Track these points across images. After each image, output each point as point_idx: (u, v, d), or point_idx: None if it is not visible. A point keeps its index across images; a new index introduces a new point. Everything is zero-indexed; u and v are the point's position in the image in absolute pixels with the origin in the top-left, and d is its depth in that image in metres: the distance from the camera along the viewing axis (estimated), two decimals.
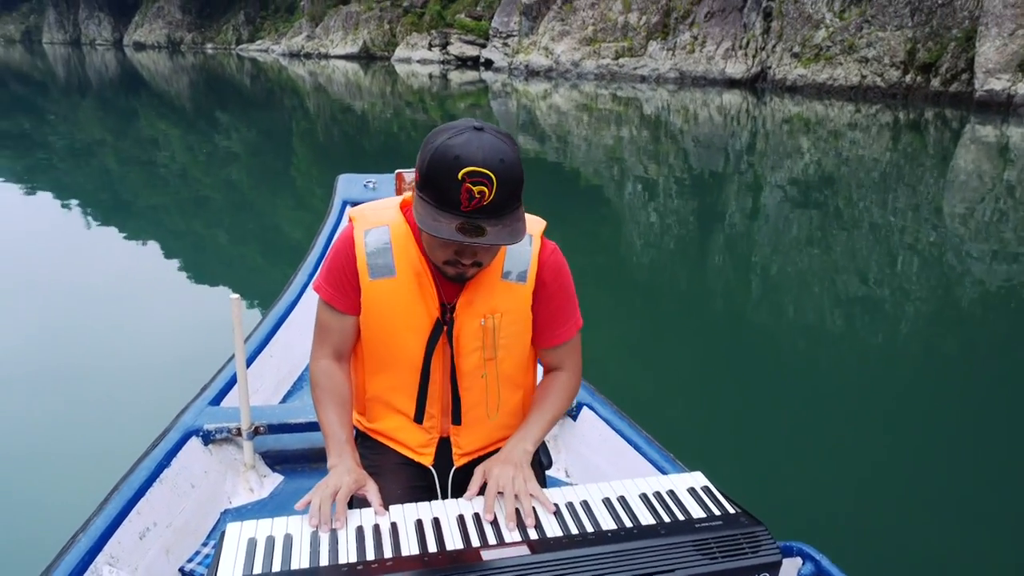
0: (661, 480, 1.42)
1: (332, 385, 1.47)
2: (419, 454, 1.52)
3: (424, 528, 1.26)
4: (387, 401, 1.50)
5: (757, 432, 3.50)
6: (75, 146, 13.42)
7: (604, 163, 11.83)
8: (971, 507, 2.95)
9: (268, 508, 2.02)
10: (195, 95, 26.29)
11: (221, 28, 67.22)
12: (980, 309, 5.44)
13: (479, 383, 1.47)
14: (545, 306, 1.48)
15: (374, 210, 1.47)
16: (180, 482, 1.89)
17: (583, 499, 1.34)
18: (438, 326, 1.42)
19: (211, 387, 2.21)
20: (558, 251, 1.49)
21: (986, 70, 18.61)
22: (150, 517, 1.75)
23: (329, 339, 1.48)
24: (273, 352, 2.58)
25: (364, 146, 14.34)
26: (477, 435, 1.53)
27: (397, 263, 1.40)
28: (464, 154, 1.17)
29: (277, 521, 1.26)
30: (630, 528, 1.25)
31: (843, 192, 9.43)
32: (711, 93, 23.97)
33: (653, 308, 5.51)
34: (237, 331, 1.95)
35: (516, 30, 34.84)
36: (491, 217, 1.21)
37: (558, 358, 1.55)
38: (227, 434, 2.07)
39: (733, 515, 1.30)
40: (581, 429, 2.31)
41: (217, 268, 6.47)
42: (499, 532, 1.25)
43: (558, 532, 1.24)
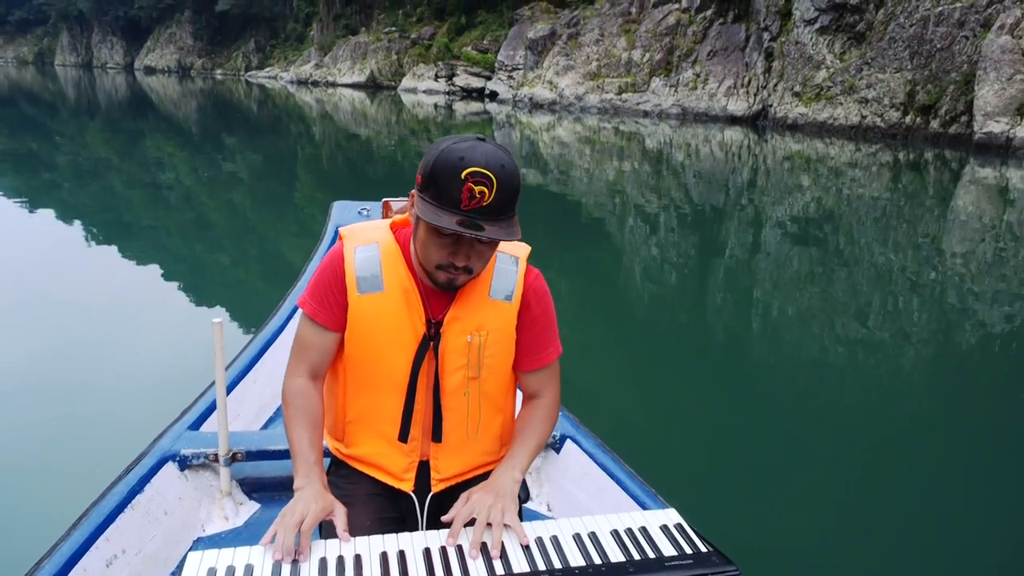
0: (634, 516, 1.39)
1: (306, 404, 1.45)
2: (400, 479, 1.50)
3: (389, 561, 1.23)
4: (369, 423, 1.49)
5: (740, 470, 3.45)
6: (81, 166, 13.54)
7: (605, 195, 11.91)
8: (957, 553, 2.90)
9: (242, 537, 1.98)
10: (202, 119, 26.61)
11: (231, 54, 68.38)
12: (979, 351, 5.41)
13: (461, 402, 1.47)
14: (528, 329, 1.50)
15: (364, 229, 1.51)
16: (153, 508, 1.87)
17: (553, 534, 1.32)
18: (424, 342, 1.43)
19: (191, 411, 2.19)
20: (541, 277, 1.54)
21: (985, 113, 18.80)
22: (119, 544, 1.72)
23: (307, 356, 1.47)
24: (257, 377, 2.56)
25: (368, 173, 14.46)
26: (457, 459, 1.52)
27: (386, 278, 1.43)
28: (468, 156, 1.25)
29: (240, 551, 1.23)
30: (599, 565, 1.23)
31: (843, 229, 9.46)
32: (713, 129, 24.22)
33: (645, 341, 5.49)
34: (218, 356, 1.94)
35: (521, 64, 35.36)
36: (489, 218, 1.27)
37: (539, 383, 1.56)
38: (204, 460, 2.04)
39: (705, 554, 1.27)
40: (564, 462, 2.28)
41: (214, 291, 6.47)
42: (464, 567, 1.22)
43: (525, 568, 1.22)
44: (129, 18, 76.10)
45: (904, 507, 3.22)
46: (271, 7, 63.82)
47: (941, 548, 2.94)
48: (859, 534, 2.97)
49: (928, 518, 3.15)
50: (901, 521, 3.11)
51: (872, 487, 3.36)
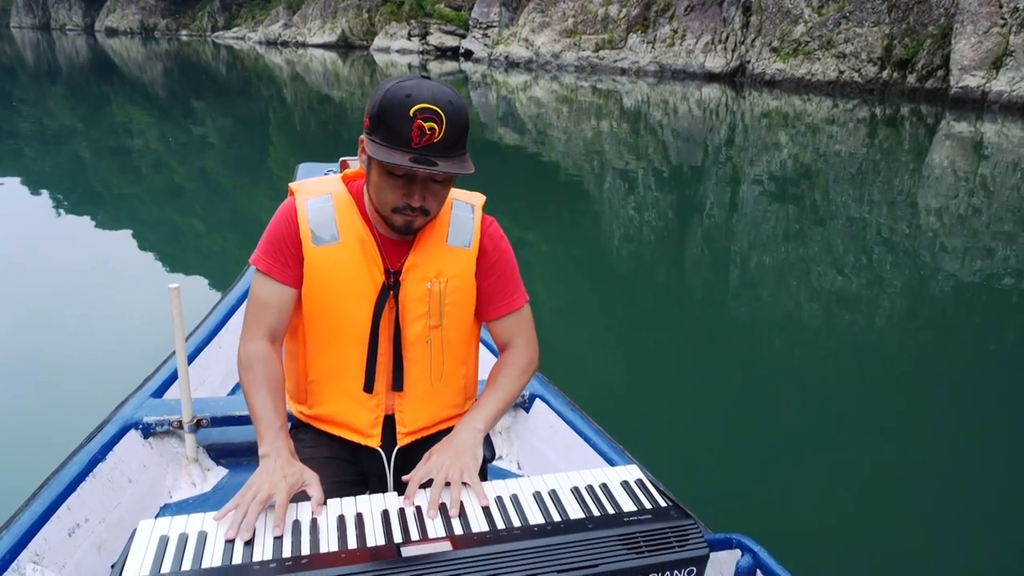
0: (595, 473, 1.40)
1: (266, 370, 1.40)
2: (366, 435, 1.49)
3: (346, 523, 1.22)
4: (332, 380, 1.47)
5: (708, 428, 3.51)
6: (45, 133, 13.13)
7: (583, 155, 11.81)
8: (916, 501, 2.98)
9: (210, 502, 1.97)
10: (169, 83, 25.85)
11: (196, 15, 66.09)
12: (952, 304, 5.50)
13: (424, 351, 1.46)
14: (488, 276, 1.50)
15: (315, 183, 1.48)
16: (116, 476, 1.84)
17: (513, 492, 1.32)
18: (384, 292, 1.41)
19: (154, 379, 2.16)
20: (496, 223, 1.54)
21: (961, 67, 18.82)
22: (81, 512, 1.70)
23: (264, 317, 1.43)
24: (221, 343, 2.53)
25: (341, 135, 14.19)
26: (421, 411, 1.51)
27: (341, 229, 1.40)
28: (415, 93, 1.24)
29: (193, 518, 1.21)
30: (557, 523, 1.23)
31: (820, 186, 9.50)
32: (690, 87, 24.03)
33: (618, 301, 5.51)
34: (177, 321, 1.90)
35: (496, 21, 34.66)
36: (441, 154, 1.27)
37: (508, 331, 1.54)
38: (168, 427, 2.02)
39: (663, 508, 1.28)
40: (534, 421, 2.29)
41: (183, 257, 6.36)
42: (423, 527, 1.22)
43: (484, 527, 1.22)
44: None
45: (869, 461, 3.29)
46: None
47: (902, 494, 3.02)
48: (824, 487, 3.04)
49: (893, 470, 3.23)
50: (865, 475, 3.18)
51: (838, 441, 3.43)
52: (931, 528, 2.81)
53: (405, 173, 1.29)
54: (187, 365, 1.95)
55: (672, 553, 1.18)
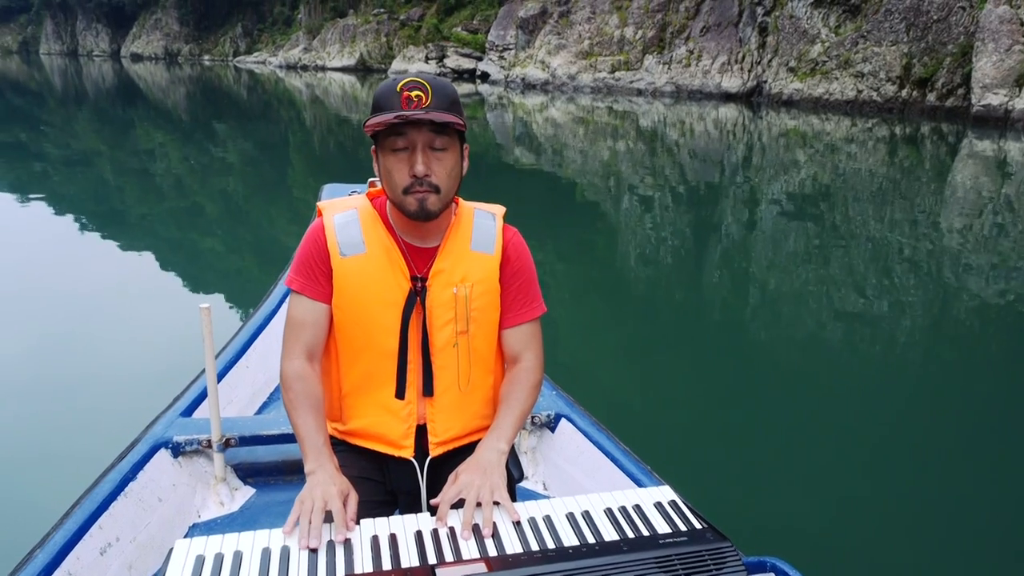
0: (628, 494, 1.38)
1: (306, 388, 1.44)
2: (399, 446, 1.51)
3: (380, 544, 1.22)
4: (365, 391, 1.49)
5: (735, 448, 3.46)
6: (71, 156, 13.42)
7: (599, 176, 11.85)
8: (950, 522, 2.91)
9: (238, 522, 1.98)
10: (192, 106, 26.35)
11: (219, 40, 67.54)
12: (977, 326, 5.41)
13: (451, 356, 1.48)
14: (510, 283, 1.53)
15: (341, 201, 1.55)
16: (146, 495, 1.85)
17: (547, 514, 1.31)
18: (411, 298, 1.44)
19: (183, 398, 2.18)
20: (518, 233, 1.58)
21: (983, 85, 18.67)
22: (112, 532, 1.71)
23: (302, 335, 1.46)
24: (249, 362, 2.54)
25: (360, 157, 14.34)
26: (452, 420, 1.52)
27: (367, 239, 1.45)
28: (402, 77, 1.36)
29: (228, 537, 1.22)
30: (592, 544, 1.22)
31: (839, 206, 9.43)
32: (707, 107, 24.07)
33: (639, 321, 5.49)
34: (207, 341, 1.92)
35: (513, 43, 35.03)
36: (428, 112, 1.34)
37: (521, 341, 1.55)
38: (197, 446, 2.03)
39: (699, 531, 1.26)
40: (559, 441, 2.27)
41: (207, 278, 6.44)
42: (457, 549, 1.21)
43: (518, 548, 1.21)
44: (113, 4, 75.00)
45: (899, 482, 3.23)
46: None
47: (933, 516, 2.96)
48: (854, 509, 2.98)
49: (923, 492, 3.17)
50: (896, 496, 3.12)
51: (867, 462, 3.37)
52: (965, 550, 2.75)
53: (406, 144, 1.34)
54: (217, 384, 1.96)
55: (710, 575, 1.17)
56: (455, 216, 1.51)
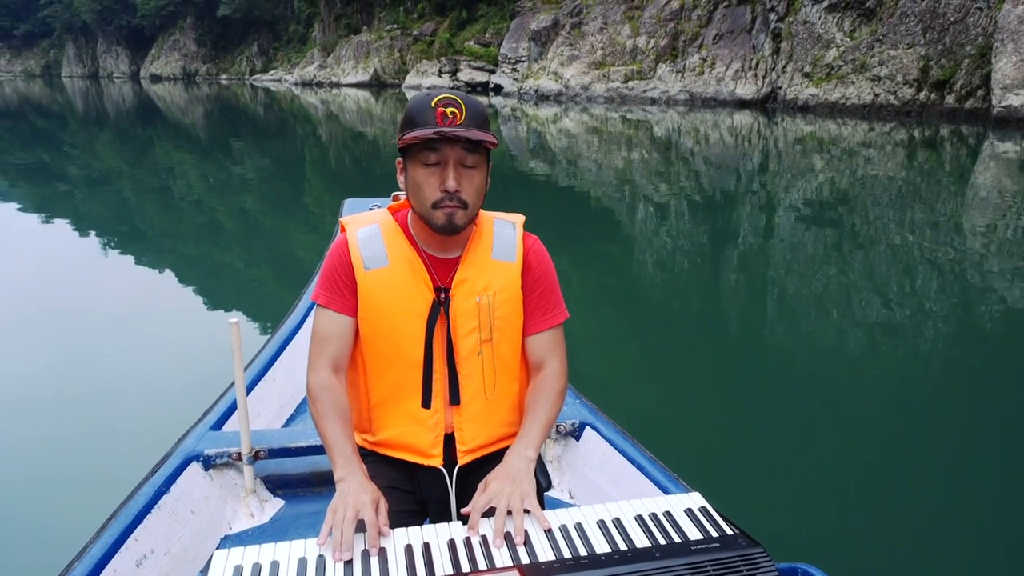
0: (658, 501, 1.39)
1: (333, 398, 1.47)
2: (428, 455, 1.52)
3: (414, 553, 1.23)
4: (393, 401, 1.51)
5: (762, 452, 3.44)
6: (93, 176, 13.66)
7: (615, 185, 11.85)
8: (981, 529, 2.87)
9: (268, 533, 2.00)
10: (210, 125, 26.75)
11: (235, 59, 68.66)
12: (1001, 331, 5.34)
13: (477, 365, 1.50)
14: (532, 291, 1.54)
15: (363, 216, 1.58)
16: (179, 508, 1.88)
17: (577, 521, 1.32)
18: (435, 308, 1.46)
19: (212, 412, 2.21)
20: (539, 240, 1.60)
21: (1003, 86, 18.47)
22: (148, 544, 1.74)
23: (327, 348, 1.49)
24: (276, 376, 2.57)
25: (375, 171, 14.48)
26: (479, 428, 1.53)
27: (389, 252, 1.49)
28: (435, 93, 1.41)
29: (265, 547, 1.24)
30: (624, 551, 1.22)
31: (858, 211, 9.35)
32: (722, 114, 24.02)
33: (659, 329, 5.47)
34: (236, 356, 1.96)
35: (525, 56, 35.25)
36: (462, 128, 1.37)
37: (545, 348, 1.57)
38: (227, 459, 2.06)
39: (731, 537, 1.27)
40: (584, 449, 2.28)
41: (229, 293, 6.52)
42: (490, 557, 1.22)
43: (550, 556, 1.22)
44: (132, 27, 76.58)
45: (927, 487, 3.19)
46: (272, 10, 63.97)
47: (962, 521, 2.91)
48: (883, 513, 2.95)
49: (950, 495, 3.12)
50: (925, 501, 3.08)
51: (894, 467, 3.34)
52: (998, 558, 2.70)
53: (438, 160, 1.37)
54: (246, 398, 1.99)
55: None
56: (476, 226, 1.53)
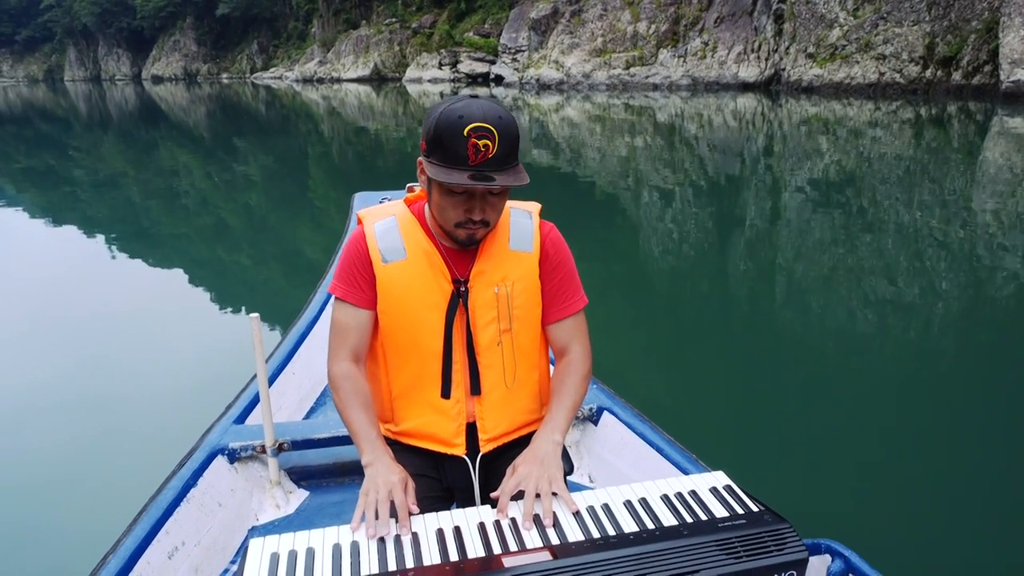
0: (682, 481, 1.41)
1: (355, 387, 1.49)
2: (451, 445, 1.54)
3: (445, 537, 1.26)
4: (414, 392, 1.53)
5: (779, 431, 3.45)
6: (98, 179, 13.72)
7: (619, 172, 11.82)
8: (1002, 501, 2.88)
9: (295, 524, 2.03)
10: (212, 124, 26.80)
11: (235, 58, 68.64)
12: (1014, 307, 5.32)
13: (496, 355, 1.51)
14: (550, 278, 1.54)
15: (380, 208, 1.58)
16: (207, 501, 1.91)
17: (604, 502, 1.34)
18: (454, 300, 1.47)
19: (235, 406, 2.24)
20: (555, 228, 1.59)
21: (1011, 61, 18.27)
22: (178, 536, 1.77)
23: (347, 340, 1.51)
24: (295, 369, 2.60)
25: (379, 166, 14.50)
26: (501, 417, 1.55)
27: (407, 245, 1.49)
28: (467, 113, 1.31)
29: (299, 535, 1.26)
30: (652, 530, 1.24)
31: (866, 191, 9.31)
32: (725, 98, 23.89)
33: (670, 313, 5.48)
34: (258, 349, 1.98)
35: (525, 45, 35.11)
36: (496, 168, 1.33)
37: (567, 335, 1.58)
38: (252, 452, 2.09)
39: (757, 513, 1.28)
40: (603, 433, 2.30)
41: (239, 290, 6.56)
42: (520, 538, 1.24)
43: (579, 536, 1.24)
44: (132, 29, 76.63)
45: (944, 462, 3.20)
46: (271, 7, 63.86)
47: (979, 495, 2.92)
48: (901, 488, 2.96)
49: (966, 470, 3.13)
50: (941, 476, 3.09)
51: (910, 443, 3.35)
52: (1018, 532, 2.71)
53: (465, 190, 1.35)
54: (268, 391, 2.02)
55: (771, 557, 1.18)
56: None
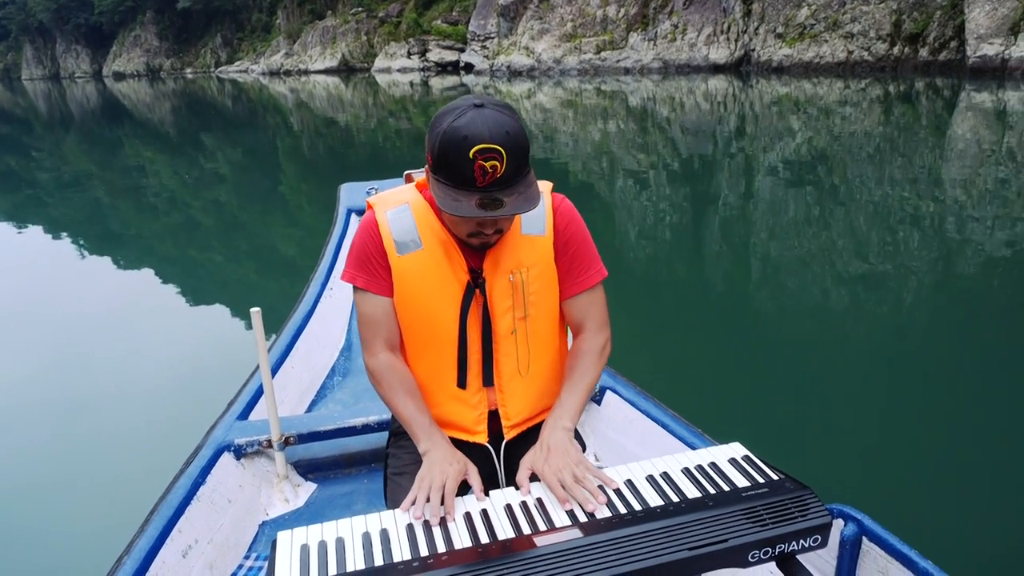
0: (701, 453, 1.42)
1: (398, 376, 1.47)
2: (473, 432, 1.53)
3: (473, 520, 1.26)
4: (433, 381, 1.51)
5: (777, 401, 3.53)
6: (63, 180, 13.40)
7: (592, 157, 11.85)
8: (1004, 463, 2.96)
9: (305, 517, 2.02)
10: (178, 120, 26.27)
11: (199, 52, 67.24)
12: (982, 277, 5.45)
13: (511, 344, 1.49)
14: (564, 253, 1.50)
15: (391, 194, 1.52)
16: (217, 498, 1.90)
17: (627, 478, 1.35)
18: (469, 290, 1.44)
19: (237, 402, 2.21)
20: (567, 201, 1.54)
21: (977, 36, 18.60)
22: (191, 535, 1.75)
23: (379, 330, 1.48)
24: (294, 363, 2.58)
25: (351, 158, 14.34)
26: (522, 402, 1.54)
27: (422, 236, 1.44)
28: (471, 133, 1.23)
29: (327, 526, 1.26)
30: (677, 503, 1.26)
31: (838, 168, 9.45)
32: (696, 80, 24.02)
33: (656, 295, 5.53)
34: (260, 343, 1.95)
35: (494, 32, 34.89)
36: (506, 188, 1.28)
37: (581, 311, 1.53)
38: (258, 447, 2.07)
39: (777, 481, 1.30)
40: (606, 412, 2.31)
41: (223, 287, 6.47)
42: (548, 517, 1.25)
43: (607, 513, 1.25)
44: (91, 25, 74.57)
45: (921, 424, 3.29)
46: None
47: (950, 459, 3.01)
48: (904, 452, 3.04)
49: (938, 433, 3.24)
50: (920, 438, 3.19)
51: (906, 406, 3.44)
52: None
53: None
54: (273, 386, 2.00)
55: (796, 523, 1.20)
56: None
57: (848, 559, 1.46)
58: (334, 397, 2.64)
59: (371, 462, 2.25)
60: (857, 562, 1.46)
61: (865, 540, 1.45)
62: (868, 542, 1.45)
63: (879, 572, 1.44)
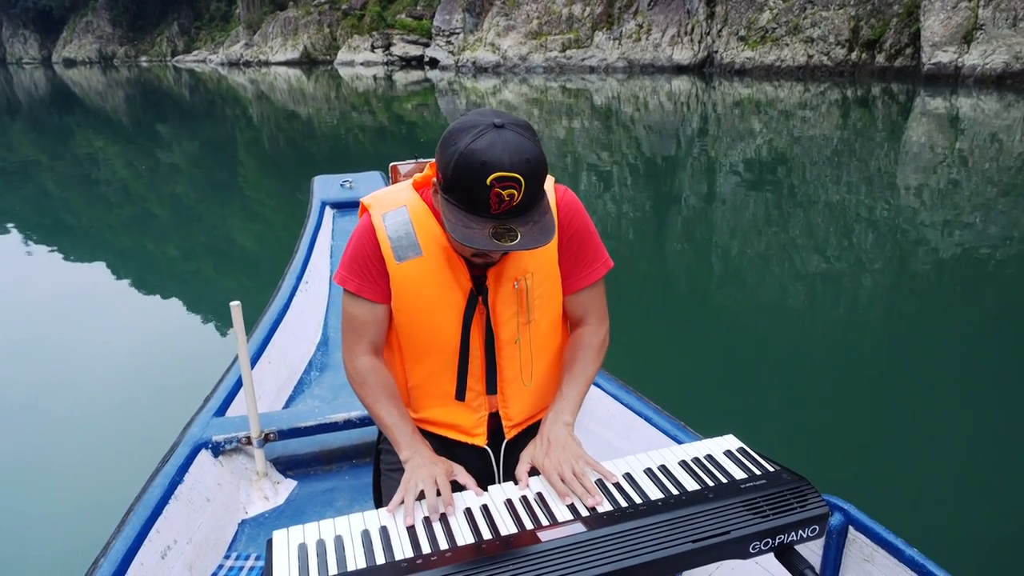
0: (696, 446, 1.43)
1: (380, 380, 1.43)
2: (472, 435, 1.50)
3: (474, 515, 1.24)
4: (432, 386, 1.48)
5: (764, 395, 3.59)
6: (8, 168, 12.86)
7: (557, 155, 11.88)
8: (986, 455, 3.06)
9: (286, 514, 1.97)
10: (132, 110, 25.50)
11: (155, 40, 65.32)
12: (934, 276, 5.63)
13: (514, 351, 1.45)
14: (568, 248, 1.45)
15: (387, 194, 1.44)
16: (195, 496, 1.84)
17: (625, 472, 1.35)
18: (472, 298, 1.40)
19: (214, 398, 2.15)
20: (570, 192, 1.47)
21: (932, 43, 19.16)
22: (169, 535, 1.69)
23: (364, 333, 1.43)
24: (271, 358, 2.52)
25: (312, 152, 14.09)
26: (523, 403, 1.51)
27: (422, 242, 1.37)
28: (491, 159, 1.16)
29: (324, 524, 1.22)
30: (677, 495, 1.26)
31: (796, 171, 9.66)
32: (660, 80, 24.28)
33: (636, 290, 5.56)
34: (240, 339, 1.90)
35: (460, 27, 34.72)
36: (520, 216, 1.22)
37: (582, 306, 1.50)
38: (236, 444, 2.01)
39: (774, 473, 1.32)
40: (589, 406, 2.30)
41: (162, 283, 6.29)
42: (550, 512, 1.24)
43: (608, 507, 1.24)
44: (39, 8, 71.75)
45: (905, 414, 3.39)
46: None
47: (934, 450, 3.10)
48: (886, 442, 3.13)
49: (923, 424, 3.33)
50: (904, 428, 3.28)
51: (878, 398, 3.54)
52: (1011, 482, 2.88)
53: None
54: (252, 381, 1.95)
55: (795, 514, 1.22)
56: None
57: (835, 548, 1.48)
58: (312, 392, 2.58)
59: (352, 458, 2.21)
60: (843, 551, 1.48)
61: (851, 529, 1.48)
62: (854, 531, 1.47)
63: (865, 560, 1.47)
